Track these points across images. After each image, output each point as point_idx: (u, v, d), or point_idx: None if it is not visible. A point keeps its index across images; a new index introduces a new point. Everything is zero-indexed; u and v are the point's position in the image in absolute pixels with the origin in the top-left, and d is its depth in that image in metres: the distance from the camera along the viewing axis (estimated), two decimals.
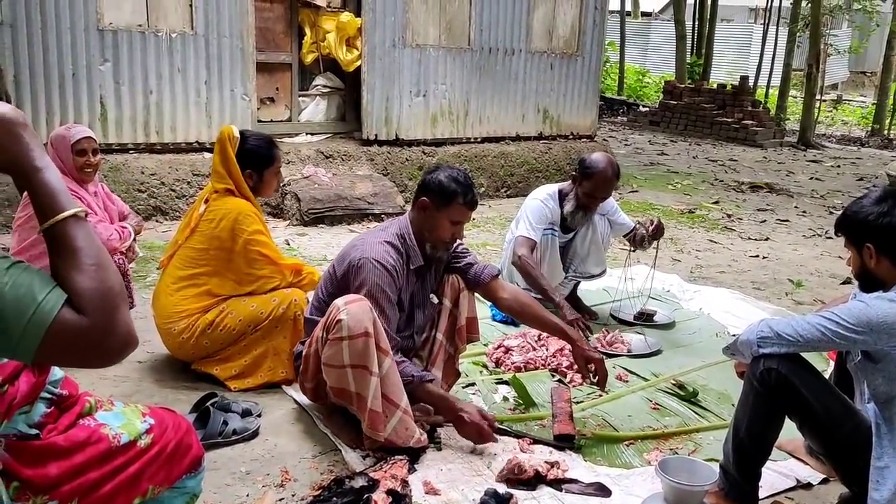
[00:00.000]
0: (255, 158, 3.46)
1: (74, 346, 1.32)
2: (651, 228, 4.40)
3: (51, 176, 1.40)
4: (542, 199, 4.42)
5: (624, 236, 4.69)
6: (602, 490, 2.75)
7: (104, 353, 1.35)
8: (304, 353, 3.00)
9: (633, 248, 4.69)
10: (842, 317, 2.36)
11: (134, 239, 3.97)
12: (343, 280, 2.98)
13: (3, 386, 1.49)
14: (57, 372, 1.69)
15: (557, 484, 2.75)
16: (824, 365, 3.71)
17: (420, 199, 3.05)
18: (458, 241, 3.20)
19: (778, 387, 2.50)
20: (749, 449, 2.61)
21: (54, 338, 1.28)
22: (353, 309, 2.73)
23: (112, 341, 1.34)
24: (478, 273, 3.27)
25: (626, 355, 4.05)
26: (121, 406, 1.82)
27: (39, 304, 1.28)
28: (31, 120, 6.27)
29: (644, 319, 4.54)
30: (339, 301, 2.78)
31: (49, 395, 1.65)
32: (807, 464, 3.00)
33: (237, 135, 3.45)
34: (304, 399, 3.23)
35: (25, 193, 3.71)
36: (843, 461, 2.57)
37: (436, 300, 3.26)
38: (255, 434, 3.02)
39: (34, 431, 1.58)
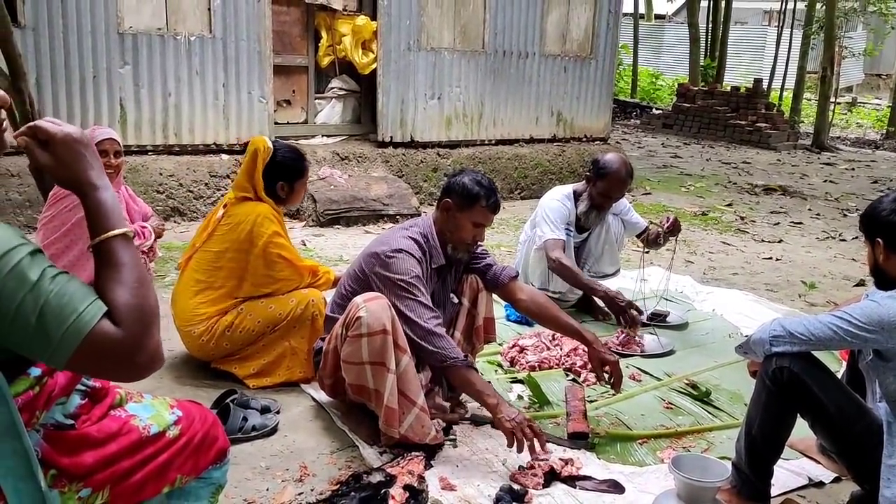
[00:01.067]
0: (288, 171, 3.52)
1: (106, 357, 1.39)
2: (667, 225, 4.43)
3: (106, 195, 1.49)
4: (560, 200, 4.46)
5: (637, 236, 4.72)
6: (616, 487, 2.79)
7: (133, 367, 1.42)
8: (323, 350, 3.06)
9: (646, 250, 4.73)
10: (854, 316, 2.39)
11: (155, 240, 4.03)
12: (371, 276, 3.01)
13: (43, 378, 1.55)
14: None
15: (571, 481, 2.79)
16: (836, 365, 3.73)
17: (444, 200, 3.11)
18: (479, 243, 3.25)
19: (790, 385, 2.53)
20: (761, 447, 2.64)
21: (89, 347, 1.36)
22: (372, 306, 2.78)
23: (142, 357, 1.41)
24: (497, 274, 3.31)
25: (640, 355, 4.08)
26: (149, 398, 1.88)
27: (80, 314, 1.35)
28: None
29: (657, 320, 4.57)
30: (358, 299, 2.84)
31: (83, 388, 1.71)
32: (819, 462, 3.02)
33: (271, 147, 3.50)
34: (322, 396, 3.28)
35: (51, 194, 3.82)
36: (854, 459, 2.59)
37: (456, 300, 3.31)
38: (273, 430, 3.07)
39: (70, 422, 1.64)
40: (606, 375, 3.22)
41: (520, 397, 3.54)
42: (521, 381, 3.66)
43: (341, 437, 3.06)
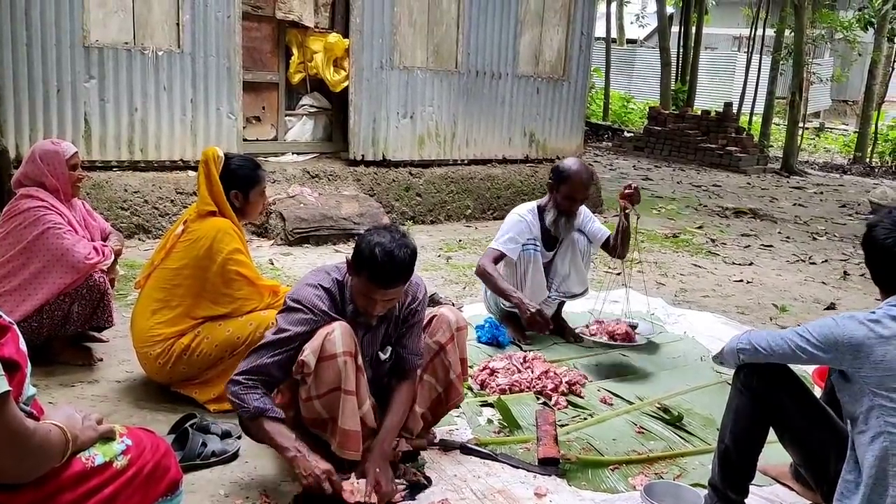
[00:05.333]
0: (241, 179, 3.45)
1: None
2: (626, 191, 4.31)
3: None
4: (521, 214, 4.47)
5: (602, 247, 4.62)
6: None
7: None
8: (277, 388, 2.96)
9: (617, 271, 4.68)
10: (811, 333, 2.39)
11: (115, 260, 3.91)
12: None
13: None
14: (30, 389, 1.65)
15: None
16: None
17: None
18: (376, 314, 2.82)
19: (761, 392, 2.55)
20: (734, 456, 2.62)
21: None
22: (314, 344, 2.70)
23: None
24: (402, 359, 2.98)
25: (619, 345, 4.13)
26: None
27: None
28: (15, 136, 6.24)
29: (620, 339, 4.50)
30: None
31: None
32: (792, 489, 2.98)
33: (221, 155, 3.44)
34: None
35: (4, 210, 3.68)
36: (817, 470, 2.57)
37: (384, 356, 2.98)
38: (234, 456, 2.98)
39: None
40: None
41: (490, 421, 3.46)
42: (490, 405, 3.59)
43: None
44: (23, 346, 1.62)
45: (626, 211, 4.34)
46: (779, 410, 2.55)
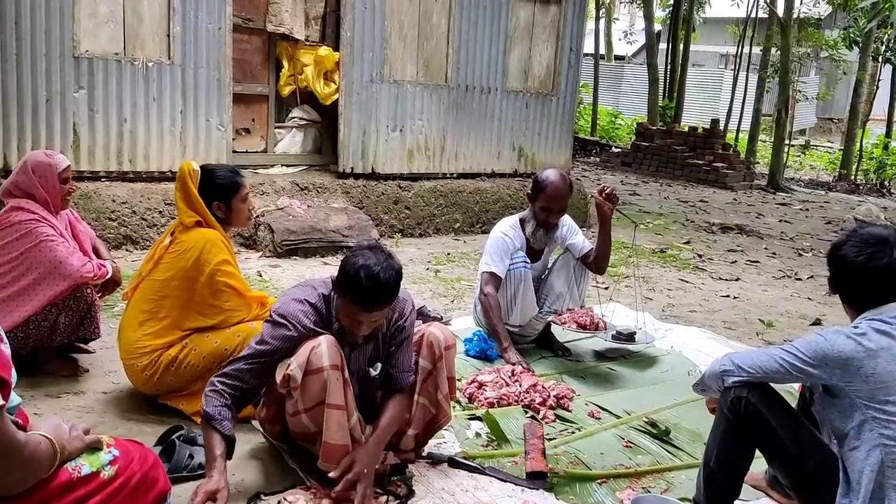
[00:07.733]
0: (220, 189, 3.44)
1: None
2: (602, 190, 4.28)
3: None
4: (503, 231, 4.45)
5: (581, 259, 4.52)
6: None
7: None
8: (262, 401, 2.95)
9: (606, 285, 4.68)
10: (801, 350, 2.40)
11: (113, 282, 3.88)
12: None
13: None
14: (15, 398, 1.64)
15: None
16: (793, 401, 3.71)
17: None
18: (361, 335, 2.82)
19: (748, 416, 2.54)
20: (719, 479, 2.62)
21: None
22: (300, 359, 2.71)
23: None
24: (392, 377, 3.00)
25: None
26: None
27: None
28: (2, 145, 6.21)
29: (624, 339, 4.45)
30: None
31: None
32: (770, 496, 2.99)
33: (197, 169, 3.43)
34: None
35: None
36: (809, 495, 2.56)
37: (373, 372, 2.99)
38: None
39: None
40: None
41: (478, 434, 3.46)
42: (479, 418, 3.59)
43: (292, 475, 2.95)
44: (6, 348, 1.60)
45: (609, 215, 4.30)
46: (767, 435, 2.53)
